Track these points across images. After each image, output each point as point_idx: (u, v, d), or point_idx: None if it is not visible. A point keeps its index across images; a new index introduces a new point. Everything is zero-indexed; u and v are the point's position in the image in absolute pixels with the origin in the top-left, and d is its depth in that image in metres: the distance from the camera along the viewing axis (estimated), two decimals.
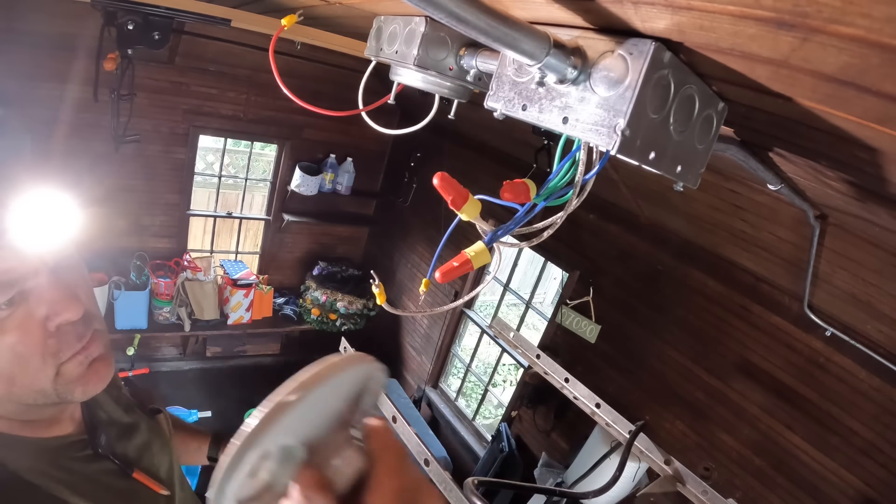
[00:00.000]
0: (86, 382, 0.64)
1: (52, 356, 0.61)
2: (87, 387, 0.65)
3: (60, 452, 0.67)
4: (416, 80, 0.69)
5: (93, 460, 0.70)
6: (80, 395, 0.65)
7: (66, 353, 0.62)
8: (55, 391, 0.62)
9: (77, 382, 0.64)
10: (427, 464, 1.09)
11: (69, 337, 0.62)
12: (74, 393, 0.64)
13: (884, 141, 0.54)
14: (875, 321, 2.31)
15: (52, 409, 0.67)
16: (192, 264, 4.98)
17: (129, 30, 2.53)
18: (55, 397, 0.63)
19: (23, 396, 0.61)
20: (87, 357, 0.65)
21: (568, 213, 0.58)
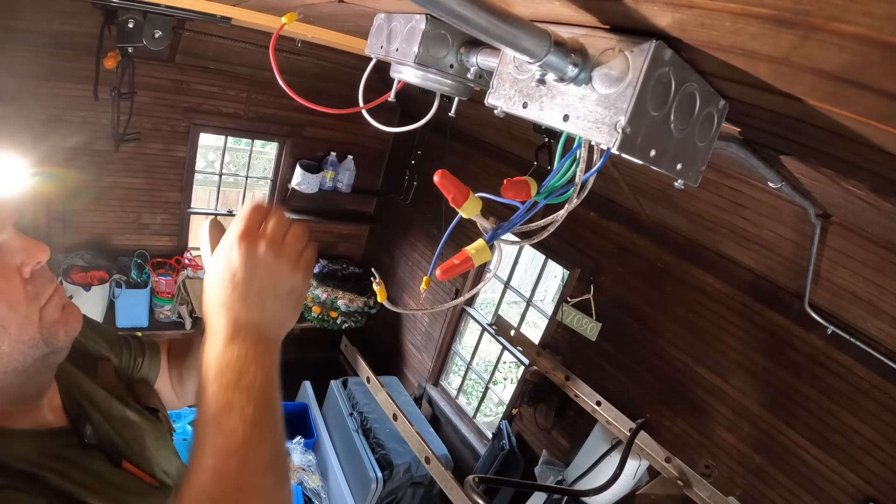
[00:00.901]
0: (65, 323, 0.70)
1: (34, 300, 0.66)
2: (67, 327, 0.70)
3: (47, 441, 0.67)
4: (417, 78, 0.69)
5: (79, 450, 0.70)
6: (64, 337, 0.70)
7: (44, 296, 0.67)
8: (42, 337, 0.66)
9: (59, 324, 0.68)
10: (428, 461, 1.09)
11: (43, 280, 0.68)
12: (59, 335, 0.68)
13: (884, 139, 0.54)
14: (876, 319, 2.31)
15: (34, 385, 0.68)
16: (192, 262, 4.99)
17: (129, 28, 2.52)
18: (43, 345, 0.66)
19: (12, 354, 0.63)
20: (61, 299, 0.70)
21: (568, 210, 0.58)
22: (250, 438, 0.54)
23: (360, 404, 4.44)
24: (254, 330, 0.63)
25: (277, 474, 0.55)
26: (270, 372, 0.60)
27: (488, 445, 4.28)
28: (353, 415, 4.37)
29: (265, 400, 0.57)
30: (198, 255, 5.16)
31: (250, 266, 0.64)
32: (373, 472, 3.89)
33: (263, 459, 0.53)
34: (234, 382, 0.58)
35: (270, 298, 0.65)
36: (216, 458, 0.53)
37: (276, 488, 0.54)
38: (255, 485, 0.51)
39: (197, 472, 0.53)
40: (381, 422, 4.24)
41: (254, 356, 0.60)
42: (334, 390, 4.61)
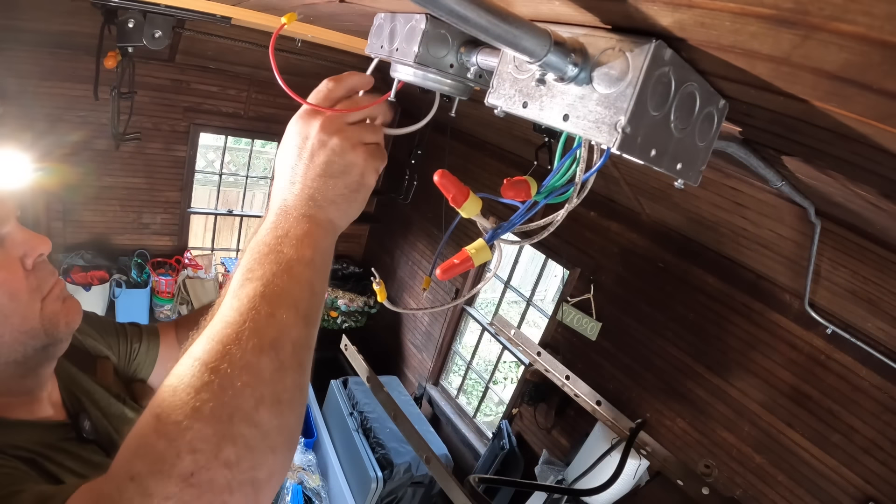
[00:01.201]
0: (66, 314, 0.70)
1: (36, 291, 0.67)
2: (68, 318, 0.71)
3: (45, 433, 0.68)
4: (417, 78, 0.69)
5: (77, 444, 0.71)
6: (65, 329, 0.70)
7: (46, 287, 0.68)
8: (43, 328, 0.67)
9: (59, 315, 0.69)
10: (428, 461, 1.09)
11: (45, 272, 0.69)
12: (59, 326, 0.69)
13: (885, 138, 0.54)
14: (876, 319, 2.31)
15: (33, 375, 0.69)
16: (193, 262, 4.99)
17: (129, 28, 2.52)
18: (44, 336, 0.67)
19: (13, 346, 0.65)
20: (62, 292, 0.71)
21: (569, 210, 0.58)
22: (255, 312, 0.49)
23: (360, 404, 4.45)
24: (299, 209, 0.58)
25: (278, 358, 0.48)
26: (307, 252, 0.55)
27: (488, 445, 4.28)
28: (353, 414, 4.37)
29: (290, 277, 0.52)
30: (198, 254, 5.17)
31: (302, 144, 0.60)
32: (373, 472, 3.90)
33: (264, 336, 0.48)
34: (261, 258, 0.54)
35: (322, 177, 0.59)
36: (215, 324, 0.50)
37: (271, 372, 0.47)
38: (242, 359, 0.46)
39: (199, 337, 0.51)
40: (381, 421, 4.25)
41: (294, 235, 0.56)
42: (334, 390, 4.62)
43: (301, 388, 0.50)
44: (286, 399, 0.47)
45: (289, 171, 0.60)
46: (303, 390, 0.51)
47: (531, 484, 2.73)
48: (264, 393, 0.46)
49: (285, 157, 0.61)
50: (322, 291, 0.57)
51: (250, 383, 0.45)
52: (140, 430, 0.45)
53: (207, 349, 0.47)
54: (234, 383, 0.45)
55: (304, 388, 0.51)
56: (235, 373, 0.45)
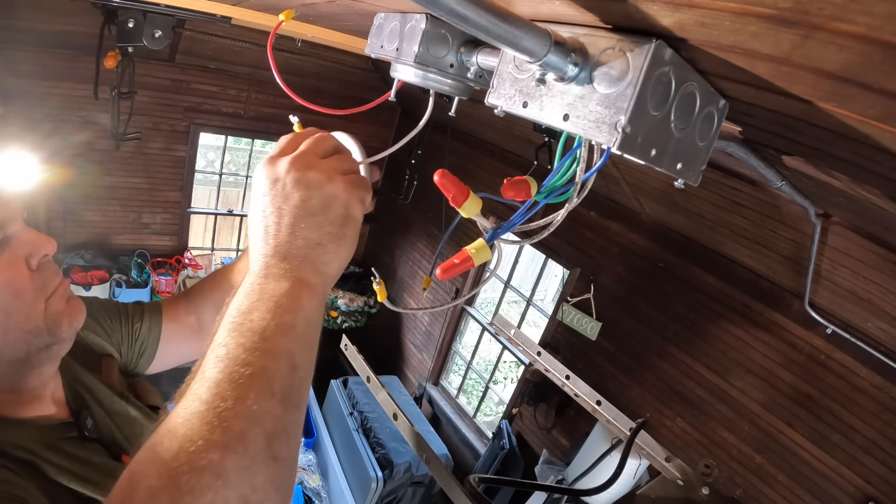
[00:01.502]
0: (69, 314, 0.70)
1: (41, 291, 0.67)
2: (71, 318, 0.70)
3: (47, 432, 0.67)
4: (417, 78, 0.69)
5: (79, 443, 0.71)
6: (68, 329, 0.70)
7: (50, 287, 0.68)
8: (46, 328, 0.67)
9: (62, 315, 0.69)
10: (428, 461, 1.09)
11: (49, 272, 0.69)
12: (62, 326, 0.69)
13: (885, 138, 0.54)
14: (876, 318, 2.31)
15: (36, 373, 0.69)
16: (193, 262, 4.99)
17: (129, 28, 2.52)
18: (47, 336, 0.67)
19: (17, 344, 0.65)
20: (65, 292, 0.71)
21: (569, 210, 0.58)
22: (220, 400, 0.42)
23: (360, 404, 4.45)
24: (278, 265, 0.51)
25: (247, 454, 0.41)
26: (286, 318, 0.47)
27: (488, 445, 4.28)
28: (353, 414, 4.37)
29: (263, 353, 0.45)
30: (198, 253, 5.17)
31: (272, 189, 0.53)
32: (373, 472, 3.90)
33: (229, 430, 0.41)
34: (231, 331, 0.47)
35: (302, 219, 0.52)
36: (177, 414, 0.43)
37: (238, 472, 0.40)
38: (203, 459, 0.39)
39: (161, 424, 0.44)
40: (381, 421, 4.25)
41: (270, 298, 0.48)
42: (334, 390, 4.62)
43: (276, 485, 0.43)
44: (255, 500, 0.41)
45: (261, 222, 0.53)
46: (279, 486, 0.43)
47: (531, 484, 2.73)
48: (228, 497, 0.39)
49: (256, 207, 0.54)
50: (307, 363, 0.49)
51: (212, 487, 0.39)
52: (116, 493, 0.41)
53: (167, 446, 0.41)
54: (192, 487, 0.38)
55: (280, 483, 0.43)
56: (195, 476, 0.39)
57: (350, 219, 0.54)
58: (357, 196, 0.55)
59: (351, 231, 0.54)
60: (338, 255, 0.53)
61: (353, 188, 0.54)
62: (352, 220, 0.55)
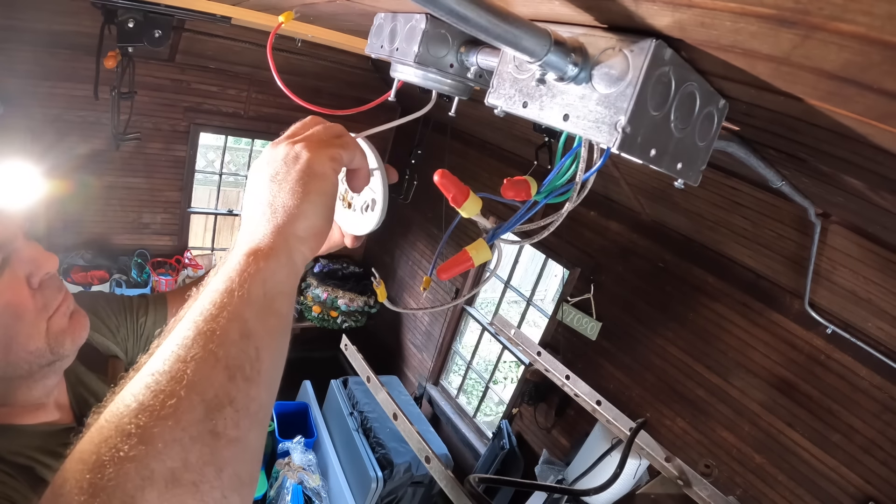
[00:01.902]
0: (72, 332, 0.68)
1: (42, 310, 0.65)
2: (74, 335, 0.69)
3: (48, 439, 0.67)
4: (417, 78, 0.69)
5: None
6: (70, 346, 0.68)
7: (52, 306, 0.66)
8: (48, 347, 0.65)
9: (65, 333, 0.67)
10: (428, 461, 1.09)
11: (51, 290, 0.67)
12: (65, 344, 0.67)
13: (884, 138, 0.54)
14: (876, 318, 2.31)
15: (39, 385, 0.68)
16: (193, 262, 4.99)
17: (129, 27, 2.52)
18: (49, 354, 0.66)
19: (18, 364, 0.63)
20: (68, 308, 0.69)
21: (569, 210, 0.58)
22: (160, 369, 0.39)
23: (360, 404, 4.45)
24: (241, 235, 0.49)
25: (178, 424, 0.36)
26: (233, 279, 0.43)
27: (488, 445, 4.28)
28: (353, 414, 4.37)
29: (205, 317, 0.41)
30: (198, 253, 5.17)
31: (251, 172, 0.54)
32: (373, 472, 3.90)
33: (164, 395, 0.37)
34: (192, 301, 0.45)
35: (260, 190, 0.51)
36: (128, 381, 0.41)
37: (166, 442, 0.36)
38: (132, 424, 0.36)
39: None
40: (381, 421, 4.25)
41: (226, 264, 0.46)
42: (334, 390, 4.62)
43: (217, 464, 0.37)
44: (189, 480, 0.36)
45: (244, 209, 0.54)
46: (221, 467, 0.37)
47: (531, 484, 2.73)
48: (154, 469, 0.35)
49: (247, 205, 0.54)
50: (267, 333, 0.44)
51: (134, 457, 0.35)
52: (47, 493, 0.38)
53: (108, 410, 0.39)
54: (116, 455, 0.35)
55: (223, 463, 0.38)
56: (119, 441, 0.35)
57: (313, 175, 0.51)
58: (325, 154, 0.53)
59: (316, 187, 0.51)
60: (301, 212, 0.49)
61: (318, 147, 0.53)
62: (315, 177, 0.51)
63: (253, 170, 0.55)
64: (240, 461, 0.39)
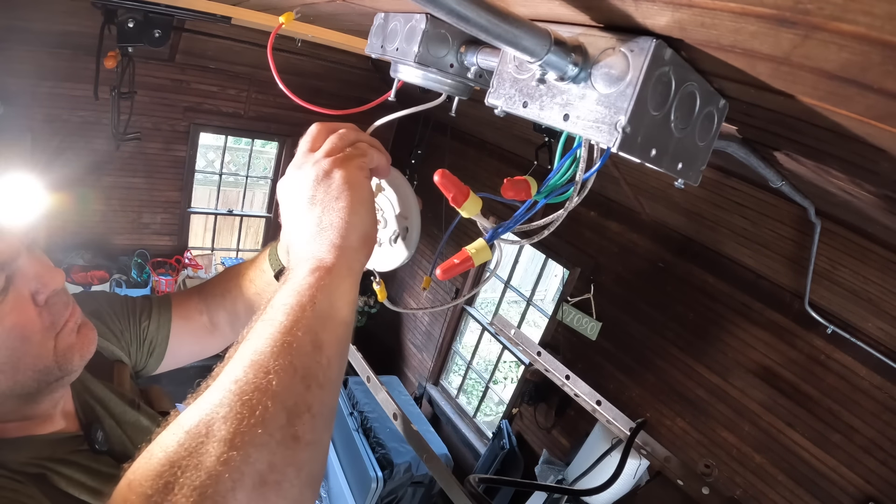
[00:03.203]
0: (81, 347, 0.67)
1: (50, 328, 0.63)
2: (83, 351, 0.67)
3: (57, 447, 0.66)
4: (417, 77, 0.69)
5: (90, 455, 0.69)
6: (79, 361, 0.67)
7: (60, 323, 0.64)
8: (56, 364, 0.64)
9: (73, 349, 0.66)
10: (428, 461, 1.09)
11: (58, 307, 0.65)
12: (73, 361, 0.66)
13: (885, 138, 0.54)
14: (876, 318, 2.31)
15: (47, 399, 0.67)
16: (193, 262, 4.99)
17: (129, 27, 2.52)
18: (57, 371, 0.64)
19: (26, 382, 0.62)
20: (76, 323, 0.67)
21: (569, 210, 0.58)
22: (244, 378, 0.43)
23: (360, 404, 4.45)
24: (296, 254, 0.54)
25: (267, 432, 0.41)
26: (301, 294, 0.48)
27: (488, 445, 4.28)
28: (353, 414, 4.37)
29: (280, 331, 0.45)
30: (198, 253, 5.17)
31: (281, 195, 0.59)
32: (373, 472, 3.90)
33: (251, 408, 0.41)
34: (260, 317, 0.48)
35: (304, 209, 0.56)
36: (208, 392, 0.44)
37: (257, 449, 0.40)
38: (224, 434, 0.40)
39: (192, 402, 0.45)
40: (381, 421, 4.25)
41: (290, 281, 0.50)
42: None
43: (297, 465, 0.42)
44: (273, 480, 0.40)
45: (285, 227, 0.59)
46: (300, 467, 0.42)
47: (531, 484, 2.73)
48: (244, 472, 0.39)
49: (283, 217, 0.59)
50: (335, 342, 0.49)
51: (227, 461, 0.38)
52: (115, 496, 0.41)
53: (191, 416, 0.42)
54: (209, 459, 0.39)
55: (301, 464, 0.42)
56: (212, 447, 0.39)
57: (350, 187, 0.56)
58: (352, 166, 0.57)
59: (355, 198, 0.55)
60: (350, 225, 0.54)
61: (344, 161, 0.57)
62: (352, 188, 0.56)
63: (285, 195, 0.59)
64: (315, 461, 0.44)
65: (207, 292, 1.02)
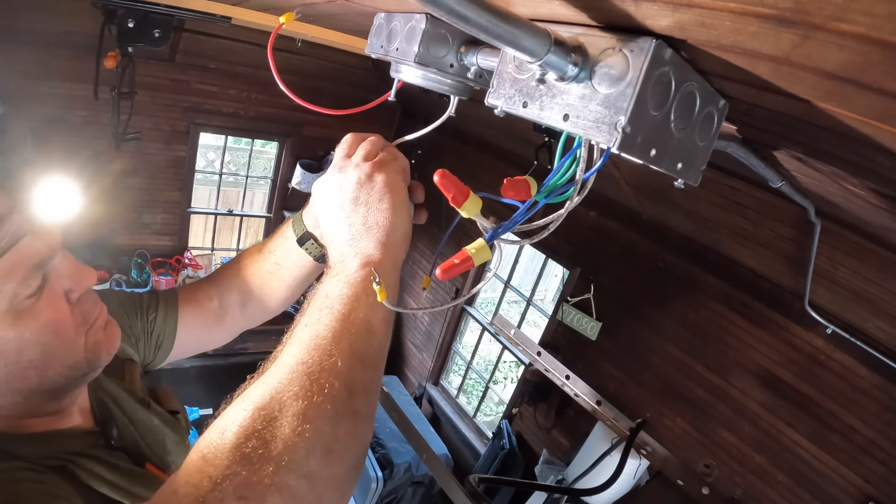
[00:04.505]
0: (108, 344, 0.69)
1: (81, 325, 0.65)
2: (109, 347, 0.70)
3: (75, 441, 0.67)
4: (417, 78, 0.69)
5: (107, 451, 0.70)
6: (106, 357, 0.69)
7: (90, 319, 0.67)
8: (86, 360, 0.66)
9: (101, 345, 0.68)
10: (428, 460, 1.09)
11: (89, 304, 0.68)
12: (101, 356, 0.68)
13: (885, 138, 0.54)
14: (876, 318, 2.31)
15: (69, 395, 0.69)
16: (193, 262, 4.99)
17: (129, 27, 2.52)
18: (85, 366, 0.66)
19: (55, 378, 0.63)
20: (104, 320, 0.70)
21: (569, 210, 0.58)
22: (309, 358, 0.49)
23: None
24: (346, 250, 0.60)
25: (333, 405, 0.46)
26: (354, 286, 0.55)
27: (488, 445, 4.28)
28: None
29: (343, 320, 0.52)
30: (198, 253, 5.17)
31: (321, 195, 0.65)
32: (373, 472, 3.90)
33: (318, 383, 0.47)
34: (316, 305, 0.54)
35: (352, 211, 0.62)
36: (272, 370, 0.49)
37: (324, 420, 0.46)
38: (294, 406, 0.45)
39: (255, 381, 0.51)
40: (381, 421, 4.25)
41: (343, 274, 0.57)
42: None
43: (356, 436, 0.49)
44: (338, 448, 0.46)
45: (326, 226, 0.65)
46: (358, 438, 0.49)
47: (531, 484, 2.73)
48: (316, 442, 0.45)
49: (324, 215, 0.66)
50: (383, 326, 0.56)
51: (301, 432, 0.44)
52: (186, 470, 0.45)
53: (261, 393, 0.47)
54: (284, 431, 0.44)
55: (359, 435, 0.49)
56: (286, 421, 0.44)
57: (392, 191, 0.63)
58: (392, 169, 0.65)
59: (397, 200, 0.63)
60: (394, 225, 0.61)
61: (383, 165, 0.65)
62: (394, 191, 0.63)
63: (326, 195, 0.66)
64: (368, 432, 0.51)
65: (218, 276, 1.03)
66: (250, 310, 1.00)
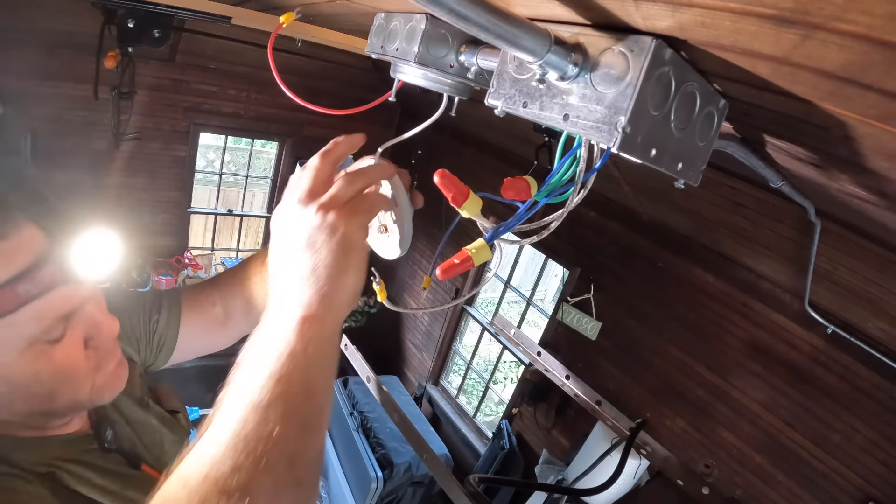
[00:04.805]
0: (112, 385, 0.69)
1: (93, 370, 0.65)
2: (113, 388, 0.69)
3: (69, 446, 0.67)
4: (417, 77, 0.69)
5: (100, 454, 0.71)
6: (109, 398, 0.69)
7: (103, 366, 0.67)
8: (90, 400, 0.66)
9: (107, 387, 0.68)
10: (428, 461, 1.09)
11: (105, 350, 0.67)
12: (104, 398, 0.68)
13: (885, 138, 0.54)
14: (876, 319, 2.31)
15: (67, 418, 0.69)
16: (193, 262, 4.99)
17: (129, 27, 2.52)
18: (88, 404, 0.67)
19: (57, 408, 0.64)
20: (115, 364, 0.69)
21: (569, 210, 0.58)
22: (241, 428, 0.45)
23: (360, 404, 4.45)
24: (285, 299, 0.53)
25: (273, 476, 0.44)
26: (292, 345, 0.49)
27: (488, 445, 4.28)
28: (353, 414, 4.37)
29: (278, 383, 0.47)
30: (198, 253, 5.16)
31: (276, 224, 0.57)
32: (373, 472, 3.90)
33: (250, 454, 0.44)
34: (249, 361, 0.50)
35: (298, 257, 0.53)
36: (203, 440, 0.46)
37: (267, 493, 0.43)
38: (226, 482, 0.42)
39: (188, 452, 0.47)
40: (381, 421, 4.25)
41: (278, 328, 0.51)
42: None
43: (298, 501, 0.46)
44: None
45: (273, 263, 0.57)
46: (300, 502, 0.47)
47: (531, 484, 2.73)
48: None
49: (273, 249, 0.57)
50: (323, 391, 0.51)
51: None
52: None
53: (196, 473, 0.44)
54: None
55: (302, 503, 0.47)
56: (223, 499, 0.42)
57: (350, 248, 0.54)
58: (356, 224, 0.55)
59: (354, 260, 0.54)
60: (343, 283, 0.54)
61: (350, 216, 0.54)
62: (353, 250, 0.54)
63: (283, 230, 0.56)
64: (312, 498, 0.49)
65: (223, 282, 1.02)
66: (254, 317, 1.00)
